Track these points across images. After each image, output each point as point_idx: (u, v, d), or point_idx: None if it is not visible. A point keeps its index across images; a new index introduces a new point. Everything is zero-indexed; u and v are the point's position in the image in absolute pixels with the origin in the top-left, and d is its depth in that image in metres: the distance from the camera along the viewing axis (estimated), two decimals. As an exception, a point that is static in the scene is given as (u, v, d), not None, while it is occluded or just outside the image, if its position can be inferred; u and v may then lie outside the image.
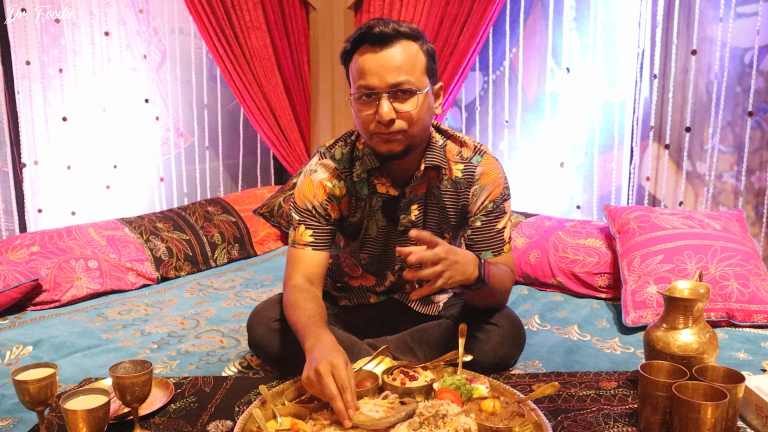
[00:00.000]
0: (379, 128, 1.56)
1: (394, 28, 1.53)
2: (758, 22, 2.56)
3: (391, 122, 1.54)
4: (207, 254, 2.97)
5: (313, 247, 1.73)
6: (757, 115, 2.62)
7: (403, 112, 1.54)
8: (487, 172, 1.73)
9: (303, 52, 3.72)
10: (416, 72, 1.55)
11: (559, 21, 3.09)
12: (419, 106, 1.55)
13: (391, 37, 1.53)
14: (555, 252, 2.54)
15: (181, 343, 2.06)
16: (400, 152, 1.60)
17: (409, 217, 1.73)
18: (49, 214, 3.13)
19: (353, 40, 1.58)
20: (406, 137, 1.58)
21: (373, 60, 1.53)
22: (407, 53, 1.54)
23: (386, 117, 1.53)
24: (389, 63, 1.52)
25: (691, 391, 1.34)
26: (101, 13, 3.18)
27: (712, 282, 2.11)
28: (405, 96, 1.54)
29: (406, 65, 1.53)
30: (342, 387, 1.35)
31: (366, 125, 1.58)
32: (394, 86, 1.53)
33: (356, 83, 1.57)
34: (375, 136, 1.59)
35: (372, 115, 1.55)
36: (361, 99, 1.57)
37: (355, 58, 1.58)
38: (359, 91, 1.56)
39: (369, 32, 1.53)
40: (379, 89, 1.53)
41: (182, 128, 3.63)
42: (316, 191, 1.73)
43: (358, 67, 1.56)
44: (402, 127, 1.55)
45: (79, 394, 1.36)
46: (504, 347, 1.73)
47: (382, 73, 1.52)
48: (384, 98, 1.53)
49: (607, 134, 3.03)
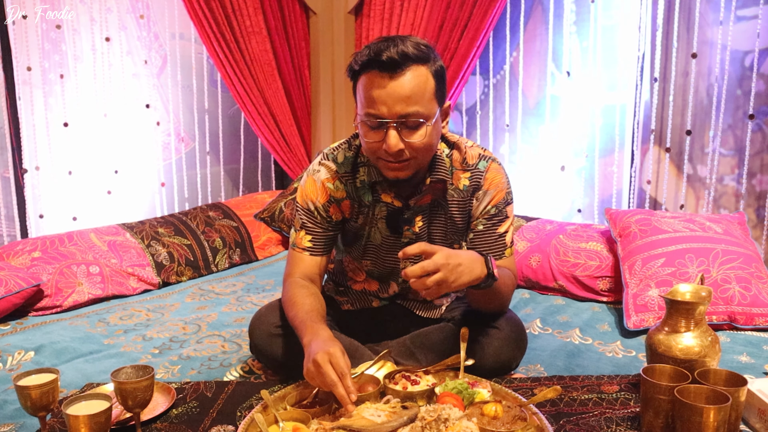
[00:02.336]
0: (386, 156, 1.55)
1: (402, 53, 1.46)
2: (758, 25, 2.56)
3: (399, 152, 1.53)
4: (208, 259, 2.97)
5: (311, 252, 1.74)
6: (757, 118, 2.63)
7: (411, 142, 1.52)
8: (491, 177, 1.72)
9: (303, 57, 3.73)
10: (425, 100, 1.51)
11: (560, 25, 3.09)
12: (428, 135, 1.53)
13: (400, 65, 1.47)
14: (556, 256, 2.54)
15: (182, 348, 2.06)
16: (406, 178, 1.61)
17: (413, 229, 1.73)
18: (50, 219, 3.13)
19: (362, 63, 1.52)
20: (413, 164, 1.58)
21: (382, 90, 1.48)
22: (417, 81, 1.49)
23: (394, 148, 1.51)
24: (398, 93, 1.48)
25: (693, 395, 1.33)
26: (102, 18, 3.19)
27: (714, 285, 2.11)
28: (413, 127, 1.52)
29: (416, 95, 1.49)
30: (341, 374, 1.38)
31: (372, 151, 1.57)
32: (402, 116, 1.50)
33: (364, 108, 1.53)
34: (381, 161, 1.58)
35: (379, 142, 1.54)
36: (368, 125, 1.54)
37: (363, 80, 1.53)
38: (367, 118, 1.53)
39: (377, 58, 1.47)
40: (387, 119, 1.50)
41: (183, 133, 3.63)
42: (318, 192, 1.73)
43: (366, 93, 1.51)
44: (410, 156, 1.55)
45: (81, 399, 1.36)
46: (506, 351, 1.73)
47: (391, 103, 1.48)
48: (392, 128, 1.50)
49: (607, 138, 3.04)
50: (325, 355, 1.39)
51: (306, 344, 1.47)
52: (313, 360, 1.39)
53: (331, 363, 1.38)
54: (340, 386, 1.37)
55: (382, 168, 1.60)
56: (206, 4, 3.24)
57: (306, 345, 1.47)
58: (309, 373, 1.41)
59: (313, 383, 1.44)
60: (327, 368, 1.37)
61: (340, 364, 1.39)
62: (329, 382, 1.37)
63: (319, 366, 1.38)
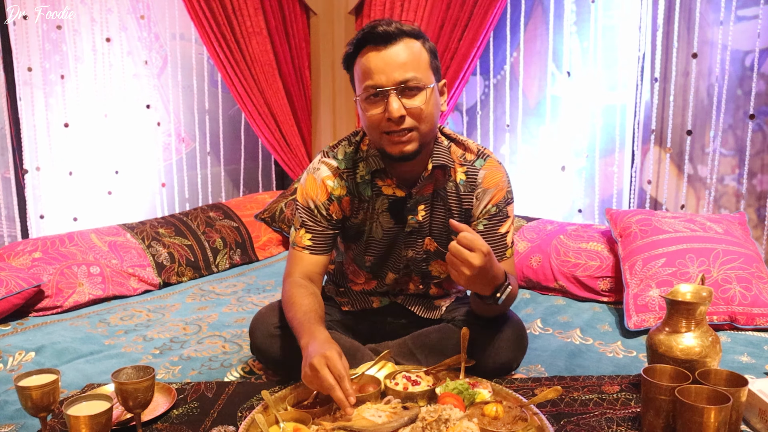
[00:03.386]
0: (389, 126, 1.56)
1: (396, 27, 1.54)
2: (759, 25, 2.56)
3: (402, 119, 1.54)
4: (209, 259, 2.98)
5: (311, 251, 1.74)
6: (758, 118, 2.62)
7: (413, 107, 1.54)
8: (490, 176, 1.73)
9: (304, 57, 3.73)
10: (421, 68, 1.56)
11: (560, 25, 3.09)
12: (427, 101, 1.56)
13: (394, 36, 1.54)
14: (557, 256, 2.53)
15: (183, 348, 2.06)
16: (412, 152, 1.59)
17: (416, 218, 1.73)
18: (51, 220, 3.13)
19: (356, 42, 1.58)
20: (417, 135, 1.58)
21: (379, 58, 1.54)
22: (411, 50, 1.55)
23: (396, 113, 1.53)
24: (395, 60, 1.53)
25: (694, 395, 1.33)
26: (102, 19, 3.19)
27: (715, 285, 2.11)
28: (413, 92, 1.55)
29: (412, 62, 1.54)
30: (338, 377, 1.37)
31: (375, 125, 1.58)
32: (401, 83, 1.53)
33: (362, 84, 1.57)
34: (385, 137, 1.58)
35: (381, 114, 1.55)
36: (369, 99, 1.56)
37: (359, 60, 1.58)
38: (366, 91, 1.56)
39: (372, 32, 1.54)
40: (386, 86, 1.53)
41: (183, 134, 3.63)
42: (318, 190, 1.74)
43: (364, 67, 1.56)
44: (412, 124, 1.56)
45: (82, 400, 1.36)
46: (506, 351, 1.72)
47: (389, 70, 1.53)
48: (392, 95, 1.53)
49: (608, 138, 3.04)
50: (321, 359, 1.38)
51: (304, 346, 1.47)
52: (310, 364, 1.38)
53: (328, 366, 1.37)
54: (338, 389, 1.36)
55: (386, 145, 1.60)
56: (207, 5, 3.24)
57: (304, 347, 1.47)
58: (306, 377, 1.41)
59: (311, 387, 1.43)
60: (324, 372, 1.36)
61: (338, 367, 1.38)
62: (326, 386, 1.36)
63: (316, 370, 1.37)
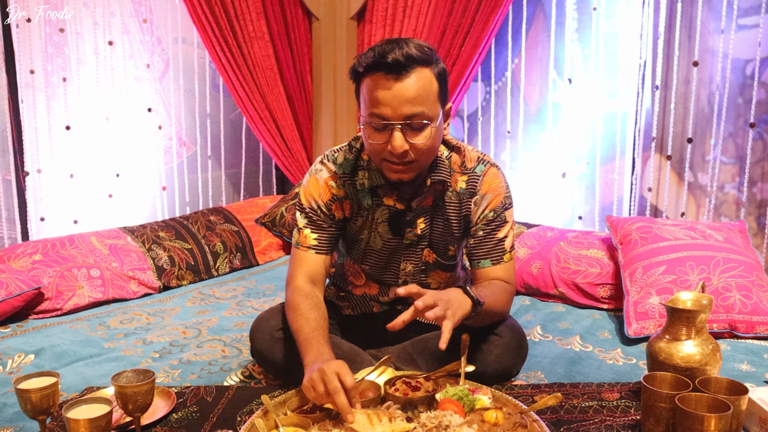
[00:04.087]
0: (391, 157, 1.55)
1: (407, 55, 1.48)
2: (760, 34, 2.56)
3: (404, 153, 1.54)
4: (209, 263, 2.98)
5: (317, 250, 1.74)
6: (758, 126, 2.63)
7: (416, 143, 1.53)
8: (488, 181, 1.73)
9: (305, 62, 3.73)
10: (429, 102, 1.52)
11: (561, 32, 3.10)
12: (432, 137, 1.55)
13: (405, 67, 1.48)
14: (557, 263, 2.54)
15: (183, 352, 2.05)
16: (408, 181, 1.62)
17: (415, 231, 1.74)
18: (51, 222, 3.13)
19: (366, 65, 1.53)
20: (416, 166, 1.59)
21: (387, 90, 1.49)
22: (421, 83, 1.50)
23: (399, 149, 1.52)
24: (403, 95, 1.49)
25: (694, 403, 1.33)
26: (105, 22, 3.20)
27: (715, 293, 2.11)
28: (418, 129, 1.53)
29: (420, 96, 1.50)
30: (348, 386, 1.36)
31: (376, 153, 1.58)
32: (407, 117, 1.51)
33: (368, 110, 1.54)
34: (385, 163, 1.59)
35: (383, 144, 1.54)
36: (372, 126, 1.55)
37: (367, 82, 1.54)
38: (371, 119, 1.54)
39: (383, 60, 1.49)
40: (392, 120, 1.51)
41: (185, 137, 3.64)
42: (321, 190, 1.74)
43: (371, 95, 1.52)
44: (414, 158, 1.55)
45: (81, 403, 1.36)
46: (506, 358, 1.72)
47: (396, 105, 1.50)
48: (397, 130, 1.51)
49: (608, 145, 3.04)
50: (333, 365, 1.37)
51: (308, 364, 1.46)
52: (320, 369, 1.37)
53: (339, 374, 1.36)
54: (343, 395, 1.34)
55: (385, 170, 1.60)
56: (209, 9, 3.25)
57: (308, 365, 1.46)
58: (311, 382, 1.38)
59: (309, 394, 1.40)
60: (332, 376, 1.35)
61: (349, 379, 1.36)
62: (332, 389, 1.34)
63: (325, 374, 1.36)
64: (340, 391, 1.35)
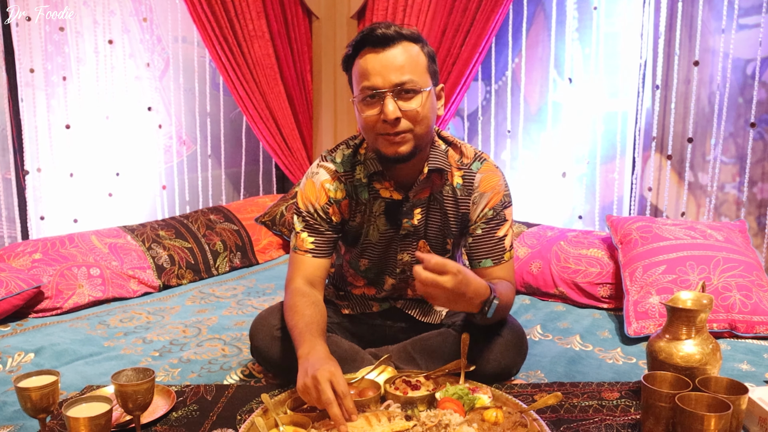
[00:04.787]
0: (385, 128, 1.56)
1: (395, 30, 1.55)
2: (760, 34, 2.56)
3: (397, 121, 1.55)
4: (209, 262, 2.97)
5: (314, 254, 1.74)
6: (759, 126, 2.63)
7: (408, 110, 1.55)
8: (486, 179, 1.73)
9: (306, 61, 3.73)
10: (418, 71, 1.56)
11: (562, 31, 3.10)
12: (423, 105, 1.56)
13: (392, 38, 1.54)
14: (557, 262, 2.53)
15: (182, 351, 2.05)
16: (407, 154, 1.59)
17: (411, 221, 1.74)
18: (51, 221, 3.13)
19: (355, 43, 1.59)
20: (411, 137, 1.58)
21: (376, 60, 1.55)
22: (409, 53, 1.56)
23: (391, 115, 1.53)
24: (392, 62, 1.54)
25: (694, 403, 1.33)
26: (105, 21, 3.20)
27: (715, 293, 2.11)
28: (409, 95, 1.55)
29: (409, 64, 1.55)
30: (342, 394, 1.35)
31: (371, 126, 1.59)
32: (397, 85, 1.53)
33: (359, 85, 1.58)
34: (380, 138, 1.59)
35: (376, 115, 1.56)
36: (365, 100, 1.57)
37: (357, 61, 1.59)
38: (363, 92, 1.57)
39: (371, 34, 1.55)
40: (383, 88, 1.54)
41: (185, 136, 3.64)
42: (318, 194, 1.73)
43: (361, 69, 1.57)
44: (407, 127, 1.56)
45: (81, 401, 1.35)
46: (506, 357, 1.72)
47: (386, 72, 1.54)
48: (388, 97, 1.53)
49: (609, 145, 3.04)
50: (326, 373, 1.36)
51: (301, 356, 1.46)
52: (313, 376, 1.36)
53: (332, 382, 1.35)
54: (336, 406, 1.33)
55: (381, 146, 1.60)
56: (209, 8, 3.25)
57: (301, 357, 1.46)
58: (305, 388, 1.38)
59: (305, 398, 1.40)
60: (326, 386, 1.34)
61: (342, 385, 1.36)
62: (325, 400, 1.34)
63: (319, 383, 1.35)
64: (333, 402, 1.34)
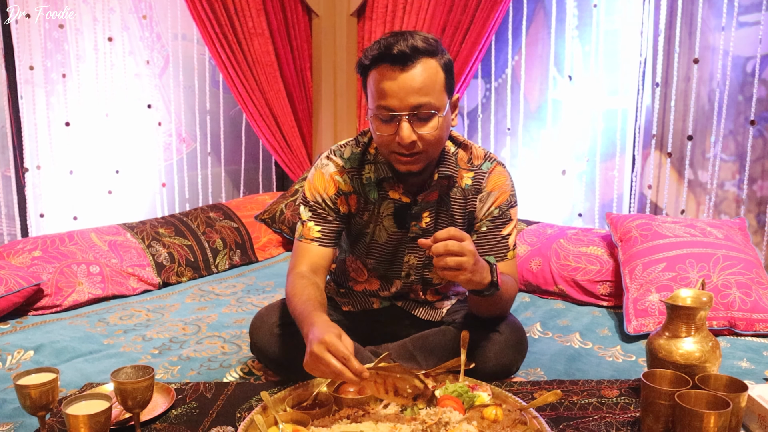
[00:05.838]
0: (399, 149, 1.56)
1: (412, 46, 1.49)
2: (760, 31, 2.56)
3: (412, 144, 1.54)
4: (208, 260, 2.97)
5: (320, 242, 1.73)
6: (759, 123, 2.63)
7: (424, 134, 1.54)
8: (494, 179, 1.73)
9: (305, 59, 3.73)
10: (436, 92, 1.53)
11: (562, 29, 3.10)
12: (439, 128, 1.55)
13: (411, 57, 1.50)
14: (557, 260, 2.53)
15: (182, 348, 2.05)
16: (418, 172, 1.62)
17: (420, 224, 1.74)
18: (51, 218, 3.13)
19: (372, 57, 1.54)
20: (425, 157, 1.59)
21: (393, 81, 1.51)
22: (427, 74, 1.51)
23: (407, 140, 1.52)
24: (410, 85, 1.50)
25: (693, 400, 1.33)
26: (105, 18, 3.20)
27: (715, 290, 2.11)
28: (425, 118, 1.53)
29: (427, 87, 1.51)
30: (344, 358, 1.31)
31: (385, 144, 1.58)
32: (414, 108, 1.51)
33: (375, 102, 1.55)
34: (393, 155, 1.59)
35: (391, 135, 1.55)
36: (380, 119, 1.56)
37: (374, 74, 1.55)
38: (378, 111, 1.55)
39: (388, 52, 1.50)
40: (399, 111, 1.52)
41: (184, 134, 3.63)
42: (326, 184, 1.73)
43: (378, 87, 1.53)
44: (422, 149, 1.56)
45: (81, 399, 1.35)
46: (506, 355, 1.72)
47: (403, 95, 1.50)
48: (404, 120, 1.52)
49: (608, 142, 3.04)
50: (321, 345, 1.32)
51: (305, 335, 1.43)
52: (310, 352, 1.34)
53: (330, 351, 1.32)
54: (348, 372, 1.30)
55: (394, 162, 1.61)
56: (209, 6, 3.25)
57: (305, 336, 1.43)
58: (308, 365, 1.36)
59: (315, 374, 1.37)
60: (327, 357, 1.31)
61: (339, 349, 1.31)
62: (333, 371, 1.31)
63: (318, 357, 1.32)
64: (344, 369, 1.30)
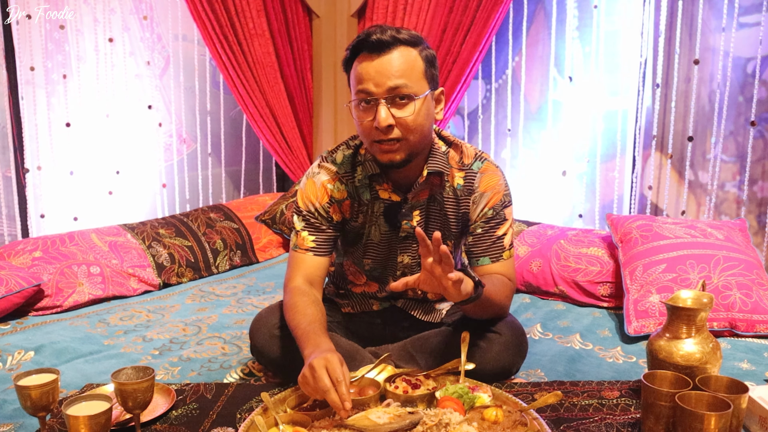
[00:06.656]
0: (378, 135, 1.56)
1: (391, 35, 1.54)
2: (761, 32, 2.56)
3: (389, 128, 1.55)
4: (209, 261, 2.97)
5: (315, 252, 1.74)
6: (759, 124, 2.63)
7: (401, 118, 1.55)
8: (487, 179, 1.73)
9: (306, 60, 3.73)
10: (414, 76, 1.55)
11: (562, 30, 3.10)
12: (416, 113, 1.55)
13: (388, 44, 1.53)
14: (557, 261, 2.53)
15: (182, 349, 2.05)
16: (400, 161, 1.60)
17: (411, 223, 1.73)
18: (51, 219, 3.13)
19: (352, 47, 1.59)
20: (405, 145, 1.58)
21: (371, 66, 1.54)
22: (404, 58, 1.55)
23: (383, 123, 1.53)
24: (386, 68, 1.53)
25: (694, 401, 1.33)
26: (105, 19, 3.20)
27: (715, 292, 2.11)
28: (403, 102, 1.55)
29: (403, 70, 1.54)
30: (336, 381, 1.34)
31: (366, 132, 1.60)
32: (391, 90, 1.53)
33: (355, 89, 1.59)
34: (375, 144, 1.60)
35: (371, 121, 1.56)
36: (360, 105, 1.58)
37: (354, 65, 1.59)
38: (358, 96, 1.58)
39: (367, 39, 1.54)
40: (376, 95, 1.54)
41: (185, 135, 3.63)
42: (318, 193, 1.73)
43: (357, 73, 1.57)
44: (400, 135, 1.56)
45: (81, 400, 1.35)
46: (506, 356, 1.72)
47: (379, 78, 1.53)
48: (381, 104, 1.53)
49: (609, 143, 3.04)
50: (321, 360, 1.36)
51: (306, 356, 1.45)
52: (309, 364, 1.37)
53: (327, 369, 1.35)
54: (334, 393, 1.33)
55: (376, 152, 1.61)
56: (210, 6, 3.25)
57: (306, 357, 1.45)
58: (304, 378, 1.38)
59: (305, 390, 1.40)
60: (321, 372, 1.34)
61: (336, 371, 1.35)
62: (322, 387, 1.34)
63: (315, 370, 1.35)
64: (330, 389, 1.33)
